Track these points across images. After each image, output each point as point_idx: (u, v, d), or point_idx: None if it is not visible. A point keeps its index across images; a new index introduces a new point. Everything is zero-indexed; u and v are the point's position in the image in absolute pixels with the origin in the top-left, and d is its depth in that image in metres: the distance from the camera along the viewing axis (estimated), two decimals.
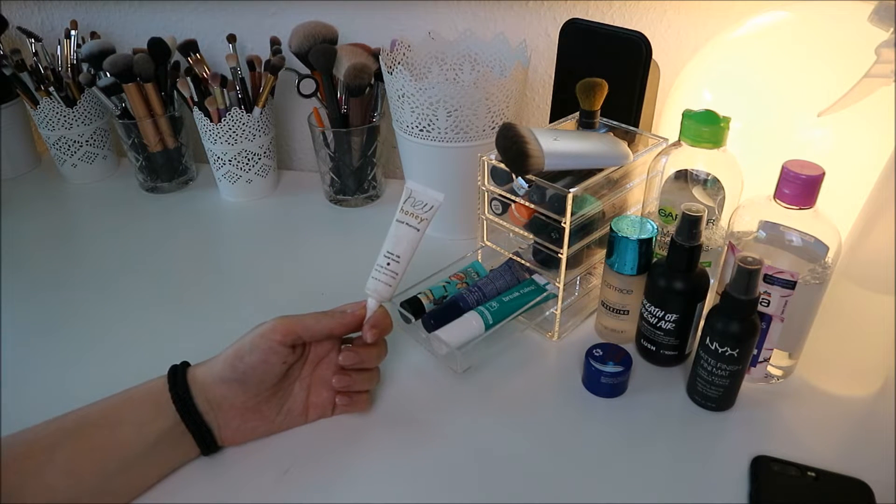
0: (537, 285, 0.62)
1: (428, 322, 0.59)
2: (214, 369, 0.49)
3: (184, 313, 0.68)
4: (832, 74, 0.55)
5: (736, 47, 0.64)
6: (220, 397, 0.49)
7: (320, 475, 0.50)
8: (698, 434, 0.53)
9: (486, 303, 0.61)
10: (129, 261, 0.78)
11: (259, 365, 0.49)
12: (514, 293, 0.62)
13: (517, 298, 0.61)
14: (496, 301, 0.61)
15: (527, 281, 0.63)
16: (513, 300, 0.61)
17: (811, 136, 0.57)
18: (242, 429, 0.51)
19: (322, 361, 0.54)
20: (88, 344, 0.65)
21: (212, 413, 0.49)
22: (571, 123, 0.68)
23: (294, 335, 0.50)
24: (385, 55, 0.73)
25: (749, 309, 0.49)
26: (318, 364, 0.54)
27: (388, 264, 0.53)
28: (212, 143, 0.85)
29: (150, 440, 0.47)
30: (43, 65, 0.88)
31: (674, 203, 0.58)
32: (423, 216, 0.53)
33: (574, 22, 0.70)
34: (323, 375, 0.54)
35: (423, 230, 0.53)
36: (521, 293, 0.62)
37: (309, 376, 0.53)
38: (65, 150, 0.93)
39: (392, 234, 0.53)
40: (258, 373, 0.49)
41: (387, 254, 0.53)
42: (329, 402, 0.54)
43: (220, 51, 0.89)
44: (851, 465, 0.49)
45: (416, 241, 0.53)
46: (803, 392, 0.56)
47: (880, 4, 0.50)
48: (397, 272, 0.53)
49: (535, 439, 0.53)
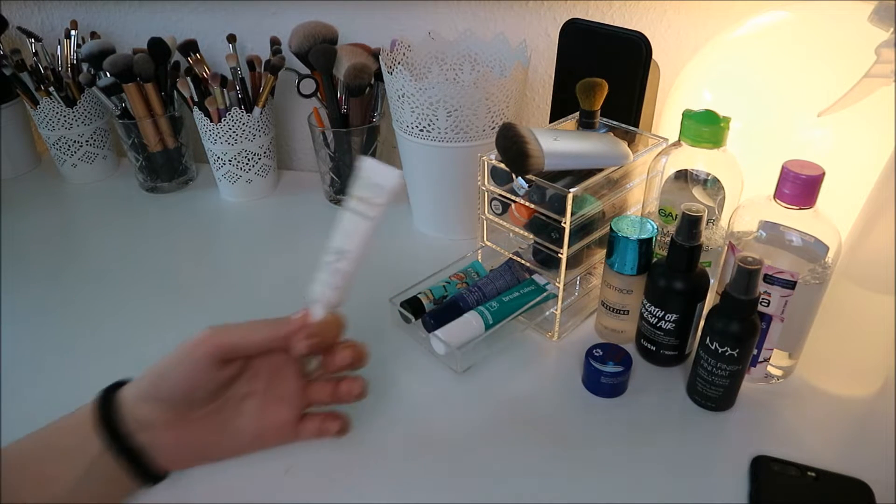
0: (537, 285, 0.62)
1: (427, 322, 0.59)
2: (140, 386, 0.44)
3: (184, 313, 0.68)
4: (832, 74, 0.55)
5: (736, 47, 0.64)
6: (146, 416, 0.43)
7: (320, 475, 0.50)
8: (698, 434, 0.53)
9: (486, 303, 0.61)
10: (128, 261, 0.78)
11: (182, 383, 0.43)
12: (514, 293, 0.62)
13: (517, 298, 0.61)
14: (496, 301, 0.61)
15: (527, 281, 0.63)
16: (513, 300, 0.61)
17: (811, 136, 0.57)
18: (180, 447, 0.45)
19: (279, 373, 0.46)
20: (88, 344, 0.65)
21: (143, 433, 0.43)
22: (571, 123, 0.68)
23: (222, 350, 0.42)
24: (385, 55, 0.73)
25: (749, 309, 0.49)
26: (273, 377, 0.46)
27: (335, 261, 0.44)
28: (212, 143, 0.85)
29: (78, 472, 0.42)
30: (43, 65, 0.88)
31: (674, 203, 0.58)
32: (375, 201, 0.43)
33: (574, 22, 0.70)
34: (280, 391, 0.46)
35: (376, 219, 0.43)
36: (521, 293, 0.62)
37: (262, 392, 0.46)
38: (65, 150, 0.93)
39: (339, 226, 0.44)
40: (182, 392, 0.43)
41: (333, 250, 0.44)
42: (291, 422, 0.47)
43: (220, 51, 0.89)
44: (851, 465, 0.49)
45: (367, 234, 0.44)
46: (803, 392, 0.56)
47: (880, 4, 0.50)
48: (347, 271, 0.44)
49: (535, 439, 0.53)
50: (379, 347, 0.62)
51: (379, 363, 0.60)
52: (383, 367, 0.60)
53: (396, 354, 0.61)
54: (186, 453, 0.46)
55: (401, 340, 0.63)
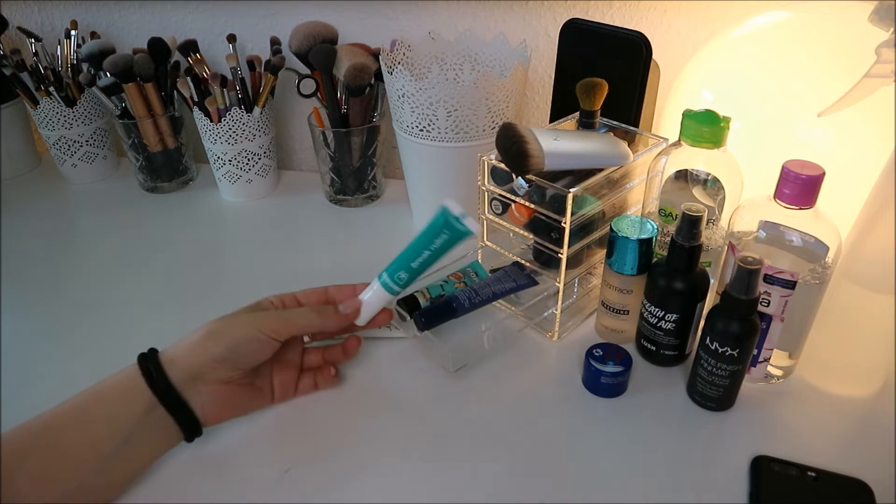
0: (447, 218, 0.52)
1: (419, 320, 0.59)
2: (204, 348, 0.49)
3: (184, 313, 0.68)
4: (832, 74, 0.55)
5: (736, 47, 0.64)
6: (208, 371, 0.49)
7: (320, 475, 0.50)
8: (698, 434, 0.53)
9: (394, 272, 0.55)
10: (128, 261, 0.78)
11: (257, 353, 0.51)
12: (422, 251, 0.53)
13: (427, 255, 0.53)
14: (402, 266, 0.54)
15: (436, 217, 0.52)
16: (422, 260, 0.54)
17: (811, 136, 0.57)
18: (225, 403, 0.51)
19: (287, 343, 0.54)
20: (88, 344, 0.65)
21: (193, 388, 0.49)
22: (571, 123, 0.68)
23: (287, 335, 0.52)
24: (385, 55, 0.73)
25: (749, 309, 0.49)
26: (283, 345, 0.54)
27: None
28: (212, 143, 0.85)
29: (123, 433, 0.46)
30: (43, 65, 0.88)
31: (674, 203, 0.58)
32: None
33: (574, 22, 0.70)
34: (286, 356, 0.55)
35: None
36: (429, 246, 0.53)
37: (273, 359, 0.54)
38: (65, 150, 0.93)
39: None
40: (251, 360, 0.51)
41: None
42: (291, 383, 0.55)
43: (220, 51, 0.89)
44: (851, 465, 0.49)
45: None
46: (803, 392, 0.56)
47: (880, 4, 0.50)
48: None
49: (534, 439, 0.53)
50: (378, 346, 0.62)
51: (377, 362, 0.61)
52: (383, 367, 0.60)
53: (397, 354, 0.61)
54: (223, 407, 0.51)
55: (400, 340, 0.63)
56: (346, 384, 0.58)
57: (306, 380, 0.56)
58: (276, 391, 0.55)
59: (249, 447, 0.52)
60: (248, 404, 0.54)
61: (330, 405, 0.56)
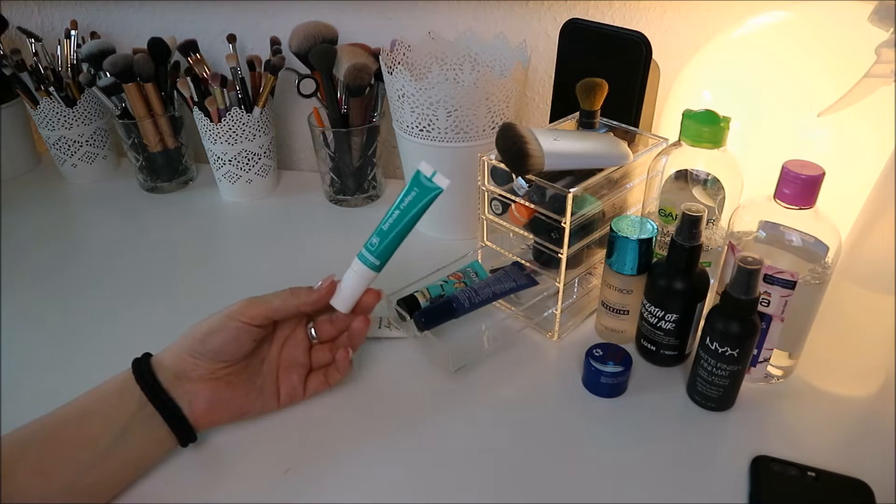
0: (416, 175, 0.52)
1: (419, 320, 0.59)
2: (182, 346, 0.50)
3: (184, 313, 0.67)
4: (832, 74, 0.55)
5: (736, 47, 0.64)
6: (189, 367, 0.49)
7: (320, 475, 0.50)
8: (698, 434, 0.53)
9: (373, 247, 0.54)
10: (128, 261, 0.78)
11: (230, 342, 0.50)
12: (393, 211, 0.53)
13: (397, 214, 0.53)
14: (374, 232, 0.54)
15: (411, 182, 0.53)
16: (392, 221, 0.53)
17: (811, 136, 0.57)
18: (214, 402, 0.50)
19: (288, 341, 0.55)
20: (88, 343, 0.65)
21: (180, 387, 0.49)
22: (571, 123, 0.68)
23: (262, 317, 0.51)
24: (385, 55, 0.73)
25: (749, 309, 0.49)
26: (285, 344, 0.55)
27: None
28: (212, 143, 0.85)
29: (117, 430, 0.47)
30: (43, 65, 0.88)
31: (674, 203, 0.58)
32: None
33: (574, 22, 0.70)
34: (291, 355, 0.55)
35: None
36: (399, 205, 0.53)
37: (277, 357, 0.54)
38: (65, 150, 0.93)
39: None
40: (228, 349, 0.50)
41: None
42: (299, 384, 0.54)
43: (220, 51, 0.89)
44: (851, 465, 0.49)
45: None
46: (803, 392, 0.56)
47: (880, 4, 0.50)
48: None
49: (534, 439, 0.53)
50: (378, 346, 0.62)
51: (377, 362, 0.61)
52: (383, 368, 0.60)
53: (396, 354, 0.61)
54: (218, 408, 0.51)
55: (400, 340, 0.63)
56: (346, 384, 0.58)
57: (316, 378, 0.55)
58: (281, 393, 0.54)
59: (249, 447, 0.52)
60: (247, 405, 0.53)
61: (330, 405, 0.56)
